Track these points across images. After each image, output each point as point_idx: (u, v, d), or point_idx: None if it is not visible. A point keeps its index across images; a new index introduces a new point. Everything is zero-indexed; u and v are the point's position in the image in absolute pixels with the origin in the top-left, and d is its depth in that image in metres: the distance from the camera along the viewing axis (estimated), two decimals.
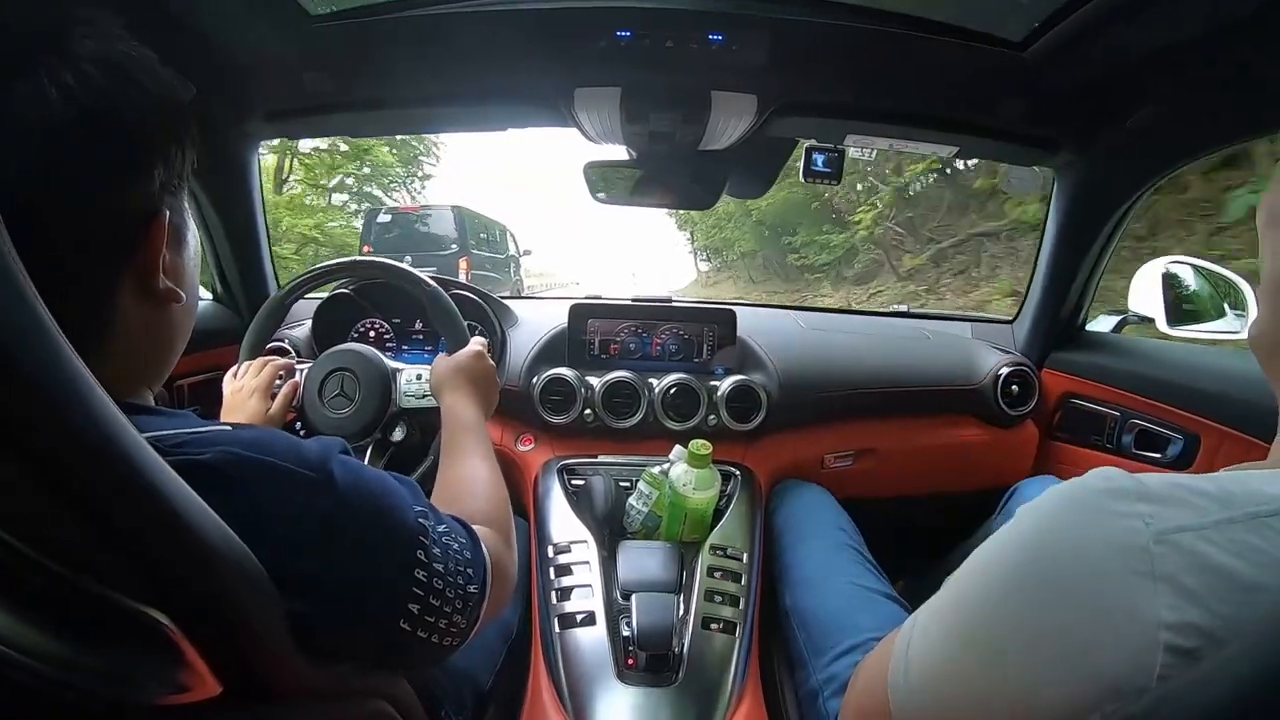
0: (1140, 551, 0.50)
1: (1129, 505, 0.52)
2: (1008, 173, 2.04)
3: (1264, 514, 0.49)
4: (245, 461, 0.61)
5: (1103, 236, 1.81)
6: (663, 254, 46.39)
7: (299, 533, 0.61)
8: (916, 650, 0.67)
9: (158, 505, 0.47)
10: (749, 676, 1.28)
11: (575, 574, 1.45)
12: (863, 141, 1.74)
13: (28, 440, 0.40)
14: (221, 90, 1.57)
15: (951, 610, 0.65)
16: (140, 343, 0.69)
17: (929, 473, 2.01)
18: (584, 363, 1.90)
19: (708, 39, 1.41)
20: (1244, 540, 0.48)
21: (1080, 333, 2.02)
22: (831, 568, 1.48)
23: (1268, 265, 0.63)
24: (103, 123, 0.58)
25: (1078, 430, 1.94)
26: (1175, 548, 0.49)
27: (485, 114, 1.74)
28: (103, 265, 0.63)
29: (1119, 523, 0.52)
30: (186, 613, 0.48)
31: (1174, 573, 0.48)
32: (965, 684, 0.60)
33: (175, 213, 0.69)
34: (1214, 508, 0.50)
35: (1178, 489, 0.52)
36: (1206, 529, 0.49)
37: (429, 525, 0.73)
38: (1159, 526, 0.50)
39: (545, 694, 1.25)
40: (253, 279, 1.97)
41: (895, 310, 2.53)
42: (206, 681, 0.50)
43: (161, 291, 0.67)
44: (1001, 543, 0.62)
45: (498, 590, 0.84)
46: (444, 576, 0.72)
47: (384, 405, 1.38)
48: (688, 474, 1.51)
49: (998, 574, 0.60)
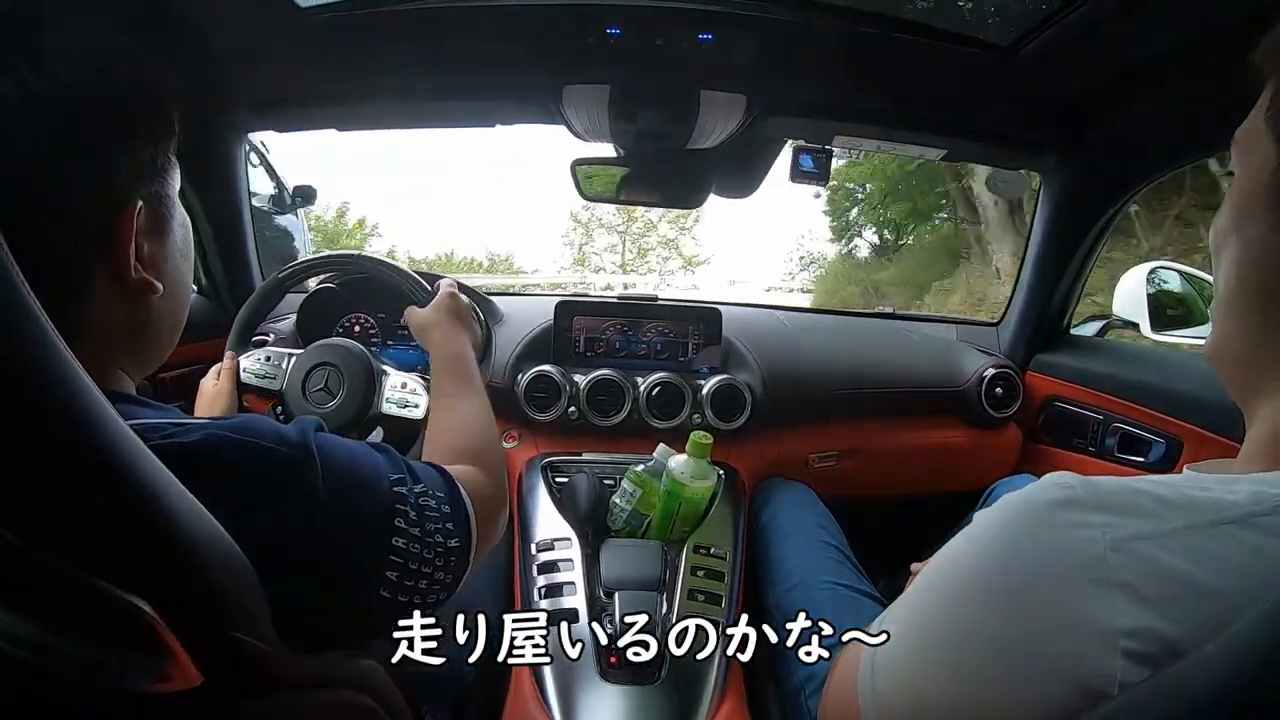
0: (1097, 560, 0.49)
1: (1084, 514, 0.52)
2: (994, 174, 2.05)
3: (1225, 520, 0.49)
4: (229, 443, 0.62)
5: (1088, 240, 1.82)
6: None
7: (285, 509, 0.62)
8: (881, 665, 0.66)
9: (138, 489, 0.47)
10: (732, 675, 1.29)
11: (558, 571, 1.45)
12: (851, 143, 1.74)
13: (6, 419, 0.40)
14: (207, 80, 1.56)
15: (913, 624, 0.64)
16: (116, 333, 0.69)
17: (912, 473, 2.02)
18: (569, 360, 1.89)
19: (697, 38, 1.41)
20: (1203, 547, 0.48)
21: (1065, 336, 2.03)
22: (811, 567, 1.48)
23: (1220, 283, 0.63)
24: (63, 114, 0.59)
25: (1061, 433, 1.94)
26: (1132, 556, 0.49)
27: (473, 109, 1.74)
28: (69, 255, 0.63)
29: (1076, 533, 0.51)
30: (167, 599, 0.48)
31: (1131, 580, 0.48)
32: (934, 700, 0.60)
33: (155, 202, 0.70)
34: (1174, 515, 0.50)
35: (1136, 495, 0.52)
36: (1164, 536, 0.49)
37: (405, 491, 0.74)
38: (1115, 535, 0.50)
39: (527, 692, 1.25)
40: (236, 271, 1.95)
41: (881, 311, 2.54)
42: (187, 670, 0.49)
43: (135, 282, 0.67)
44: (956, 556, 0.62)
45: (486, 529, 0.86)
46: (421, 540, 0.73)
47: (366, 405, 1.37)
48: (687, 464, 1.51)
49: (959, 588, 0.60)
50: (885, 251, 14.11)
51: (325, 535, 0.64)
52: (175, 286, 0.75)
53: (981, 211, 10.73)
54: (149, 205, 0.68)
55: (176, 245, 0.75)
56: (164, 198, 0.72)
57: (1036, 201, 1.91)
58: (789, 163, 1.77)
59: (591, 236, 19.20)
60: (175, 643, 0.48)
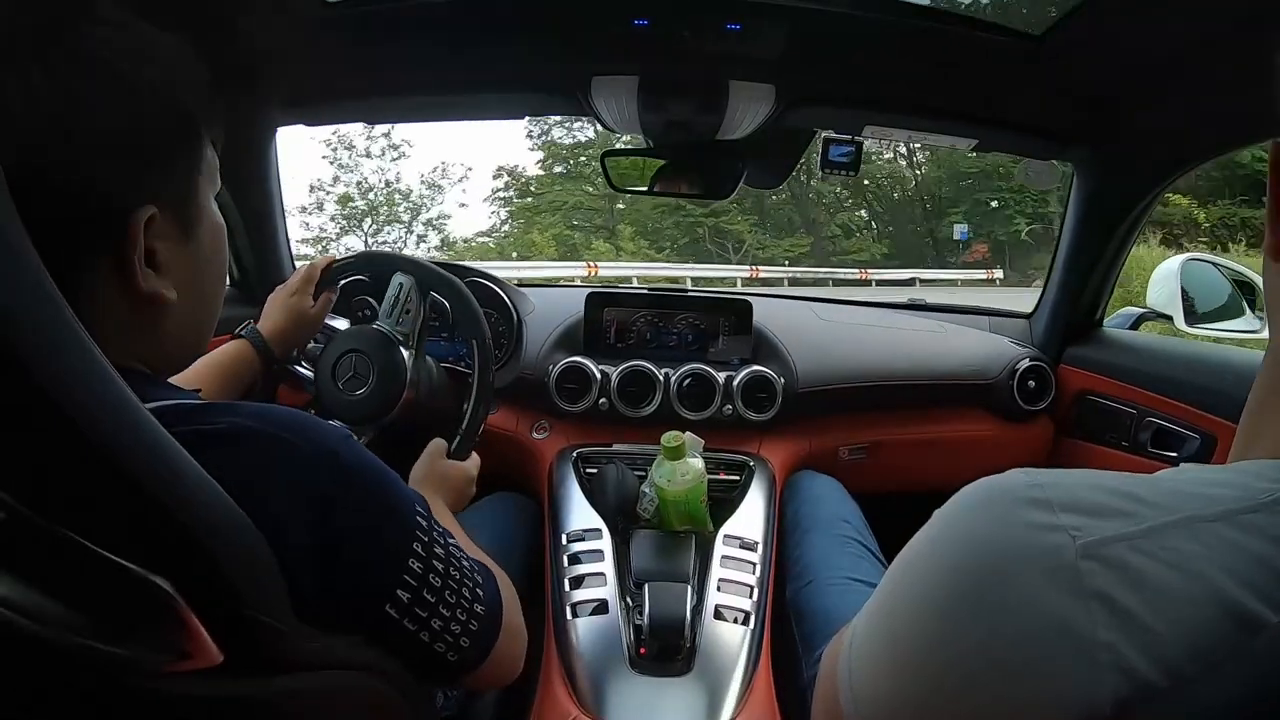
0: (1067, 569, 0.45)
1: (1051, 516, 0.47)
2: (1026, 165, 2.03)
3: (1202, 518, 0.45)
4: (251, 432, 0.62)
5: (1121, 232, 1.80)
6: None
7: (296, 504, 0.61)
8: (859, 679, 0.61)
9: (158, 470, 0.48)
10: (761, 668, 1.29)
11: (588, 562, 1.45)
12: (881, 133, 1.74)
13: (29, 401, 0.41)
14: (237, 77, 1.57)
15: (884, 636, 0.59)
16: (130, 339, 0.67)
17: (942, 467, 1.99)
18: (600, 351, 1.91)
19: (725, 28, 1.41)
20: (1178, 548, 0.44)
21: (1098, 329, 2.01)
22: (830, 561, 1.47)
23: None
24: (75, 118, 0.58)
25: (1093, 427, 1.92)
26: (1105, 562, 0.44)
27: (502, 101, 1.74)
28: (70, 260, 0.60)
29: (1044, 538, 0.46)
30: (187, 578, 0.49)
31: (1104, 589, 0.44)
32: (911, 714, 0.55)
33: (177, 206, 0.68)
34: (1147, 513, 0.46)
35: (1109, 494, 0.47)
36: (1137, 538, 0.45)
37: (429, 524, 0.73)
38: (1085, 539, 0.45)
39: (557, 682, 1.26)
40: (270, 267, 1.97)
41: (912, 302, 2.52)
42: (208, 649, 0.50)
43: (144, 291, 0.64)
44: (923, 568, 0.56)
45: (508, 645, 0.84)
46: (443, 576, 0.72)
47: (395, 394, 1.36)
48: (661, 466, 1.49)
49: (927, 602, 0.54)
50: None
51: (336, 533, 0.63)
52: (198, 293, 0.74)
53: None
54: (170, 210, 0.66)
55: (202, 251, 0.73)
56: (189, 202, 0.70)
57: (1069, 192, 1.89)
58: (819, 153, 1.76)
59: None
60: (195, 621, 0.49)
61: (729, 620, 1.34)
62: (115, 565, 0.46)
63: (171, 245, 0.67)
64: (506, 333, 1.86)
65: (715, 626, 1.32)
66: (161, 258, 0.66)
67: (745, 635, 1.32)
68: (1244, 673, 0.40)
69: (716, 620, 1.33)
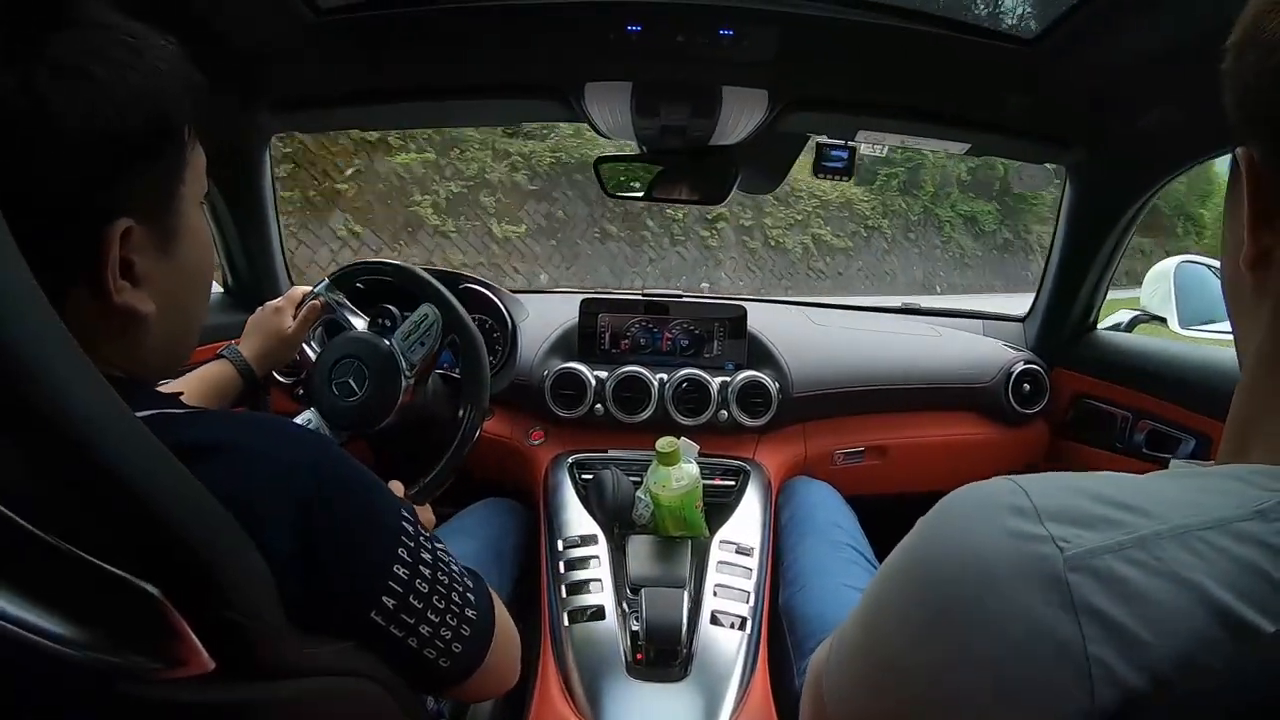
0: (1056, 582, 0.43)
1: (1037, 526, 0.45)
2: (1019, 168, 2.03)
3: (1194, 526, 0.43)
4: (232, 441, 0.61)
5: (1115, 234, 1.80)
6: None
7: (279, 512, 0.61)
8: (840, 694, 0.60)
9: (148, 477, 0.48)
10: (757, 673, 1.28)
11: (585, 568, 1.45)
12: (875, 137, 1.74)
13: (15, 404, 0.41)
14: (229, 84, 1.57)
15: (863, 652, 0.57)
16: (112, 351, 0.66)
17: (938, 470, 1.99)
18: (595, 357, 1.91)
19: (718, 34, 1.40)
20: (1169, 557, 0.42)
21: (1092, 331, 2.02)
22: (822, 567, 1.47)
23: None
24: (44, 126, 0.55)
25: (1089, 430, 1.92)
26: (1094, 575, 0.42)
27: (496, 108, 1.75)
28: (44, 270, 0.53)
29: (1030, 549, 0.44)
30: (178, 585, 0.49)
31: (1094, 602, 0.42)
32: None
33: (159, 218, 0.66)
34: (1137, 521, 0.44)
35: (1099, 503, 0.45)
36: (1128, 548, 0.43)
37: (415, 530, 0.72)
38: (1072, 551, 0.43)
39: (554, 687, 1.26)
40: (263, 274, 1.97)
41: (906, 306, 2.52)
42: (200, 656, 0.50)
43: (118, 304, 0.62)
44: (902, 581, 0.54)
45: (503, 651, 0.84)
46: (430, 582, 0.71)
47: (389, 402, 1.35)
48: (656, 471, 1.50)
49: (907, 622, 0.51)
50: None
51: (318, 539, 0.63)
52: (178, 306, 0.72)
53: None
54: (149, 222, 0.64)
55: (184, 263, 0.70)
56: (169, 214, 0.67)
57: (1062, 195, 1.90)
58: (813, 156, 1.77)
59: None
60: (185, 627, 0.49)
61: (725, 625, 1.33)
62: (105, 573, 0.46)
63: (150, 257, 0.65)
64: (501, 339, 1.86)
65: (711, 632, 1.32)
66: (140, 270, 0.64)
67: (742, 640, 1.31)
68: (1239, 683, 0.39)
69: (713, 625, 1.33)
